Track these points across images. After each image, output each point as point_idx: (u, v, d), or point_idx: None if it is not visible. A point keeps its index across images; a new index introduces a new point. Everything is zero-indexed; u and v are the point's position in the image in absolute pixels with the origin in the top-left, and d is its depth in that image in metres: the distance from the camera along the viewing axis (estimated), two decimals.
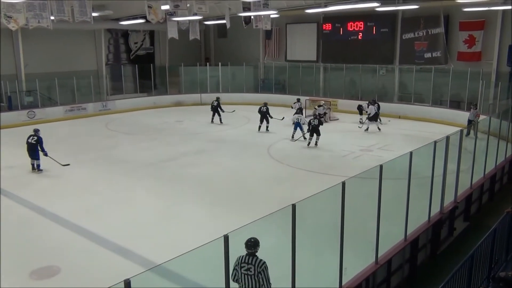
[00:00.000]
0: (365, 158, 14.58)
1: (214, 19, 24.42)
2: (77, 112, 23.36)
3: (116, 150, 16.24)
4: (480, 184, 10.60)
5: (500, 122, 12.45)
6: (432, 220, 8.20)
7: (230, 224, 4.77)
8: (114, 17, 24.32)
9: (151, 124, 21.41)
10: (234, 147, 16.55)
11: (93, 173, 13.44)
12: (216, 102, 21.35)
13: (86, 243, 8.69)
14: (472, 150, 10.17)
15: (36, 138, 13.15)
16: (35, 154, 13.16)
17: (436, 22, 21.35)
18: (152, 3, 14.80)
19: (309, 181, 12.15)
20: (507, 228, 6.94)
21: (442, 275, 5.95)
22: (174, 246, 6.86)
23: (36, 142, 13.10)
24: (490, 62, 20.21)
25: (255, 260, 5.07)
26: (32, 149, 13.11)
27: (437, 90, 21.75)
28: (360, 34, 24.36)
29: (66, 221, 9.70)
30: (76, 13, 14.60)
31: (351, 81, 25.00)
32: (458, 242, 8.99)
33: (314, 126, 16.22)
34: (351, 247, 6.16)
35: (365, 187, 7.37)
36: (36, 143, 13.10)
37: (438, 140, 8.12)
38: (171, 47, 28.78)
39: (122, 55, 28.52)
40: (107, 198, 11.23)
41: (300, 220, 5.05)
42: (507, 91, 18.10)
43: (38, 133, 13.33)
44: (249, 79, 28.89)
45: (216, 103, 21.31)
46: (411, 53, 22.63)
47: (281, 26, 27.61)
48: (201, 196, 11.32)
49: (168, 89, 28.26)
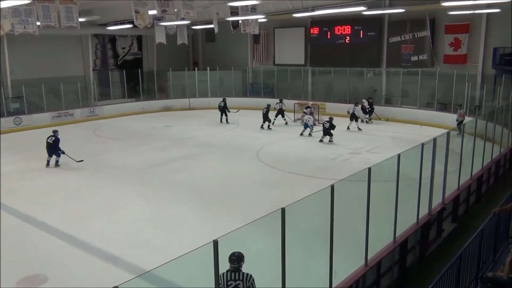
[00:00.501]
0: (354, 161, 14.65)
1: (202, 23, 24.40)
2: (64, 118, 23.14)
3: (105, 156, 16.12)
4: (467, 185, 10.70)
5: (486, 124, 12.60)
6: (420, 221, 8.26)
7: (220, 229, 4.75)
8: (101, 22, 24.19)
9: (140, 130, 21.29)
10: (223, 152, 16.53)
11: (81, 179, 13.32)
12: (223, 103, 22.22)
13: (74, 251, 8.59)
14: (459, 152, 10.28)
15: (54, 138, 14.36)
16: (53, 152, 14.43)
17: (422, 25, 21.60)
18: (139, 8, 14.74)
19: (298, 185, 12.16)
20: (494, 228, 7.01)
21: (431, 276, 5.99)
22: (164, 252, 6.81)
23: (53, 142, 14.35)
24: (476, 64, 20.49)
25: (242, 275, 4.91)
26: (50, 148, 14.39)
27: (424, 93, 21.97)
28: (348, 37, 24.54)
29: (53, 228, 9.59)
30: (62, 18, 14.47)
31: (339, 85, 25.12)
32: (447, 243, 9.06)
33: (325, 128, 17.36)
34: (341, 250, 6.18)
35: (354, 190, 7.41)
36: (53, 143, 14.34)
37: (426, 142, 8.19)
38: (159, 52, 28.70)
39: (110, 61, 28.36)
40: (96, 204, 11.13)
41: (289, 223, 5.05)
42: (492, 93, 18.33)
43: (57, 133, 14.51)
44: (238, 84, 28.91)
45: (223, 103, 22.19)
46: (398, 56, 22.84)
47: (269, 30, 27.70)
48: (190, 201, 11.27)
49: (157, 94, 28.16)
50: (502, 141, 13.84)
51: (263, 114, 20.47)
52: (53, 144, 14.31)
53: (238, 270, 4.92)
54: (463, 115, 17.87)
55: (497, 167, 13.09)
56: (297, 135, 19.16)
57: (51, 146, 14.34)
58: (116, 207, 10.95)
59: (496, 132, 13.15)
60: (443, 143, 9.01)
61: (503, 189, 11.35)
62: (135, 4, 14.51)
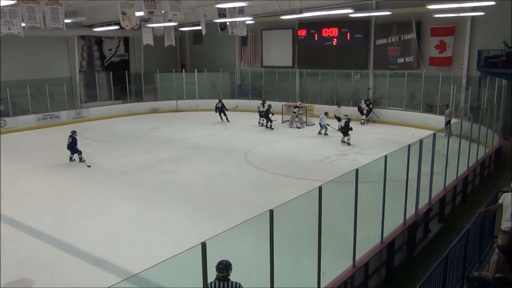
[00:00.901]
0: (342, 163, 14.73)
1: (189, 25, 24.35)
2: (50, 121, 22.89)
3: (91, 158, 15.93)
4: (453, 186, 10.83)
5: (471, 125, 12.76)
6: (407, 222, 8.33)
7: (208, 231, 4.74)
8: (87, 24, 24.00)
9: (127, 132, 21.14)
10: (211, 154, 16.49)
11: (68, 182, 13.17)
12: (220, 104, 22.81)
13: (60, 254, 8.49)
14: (445, 153, 10.39)
15: (71, 139, 15.02)
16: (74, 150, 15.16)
17: (408, 28, 21.81)
18: (126, 10, 14.63)
19: (286, 186, 12.18)
20: (479, 229, 7.10)
21: (418, 277, 6.03)
22: (152, 254, 6.78)
23: (70, 143, 15.04)
24: (461, 66, 20.76)
25: (230, 284, 4.86)
26: (69, 147, 15.12)
27: (411, 95, 22.20)
28: (335, 40, 24.68)
29: (39, 232, 9.47)
30: (48, 19, 14.31)
31: (326, 86, 25.24)
32: (433, 244, 9.14)
33: (340, 127, 17.92)
34: (329, 251, 6.20)
35: (342, 191, 7.44)
36: (70, 144, 15.05)
37: (412, 144, 8.27)
38: (146, 53, 28.57)
39: (96, 62, 28.15)
40: (83, 207, 11.01)
41: (278, 225, 5.05)
42: (477, 95, 18.59)
43: (75, 134, 15.20)
44: (226, 85, 28.88)
45: (221, 104, 22.79)
46: (385, 58, 23.04)
47: (256, 32, 27.73)
48: (178, 203, 11.22)
49: (144, 96, 27.99)
50: (487, 142, 14.03)
51: (264, 113, 20.76)
52: (70, 145, 15.05)
53: (227, 279, 4.86)
54: (449, 114, 18.13)
55: (482, 168, 13.27)
56: (285, 137, 19.21)
57: (69, 147, 15.09)
58: (103, 210, 10.85)
59: (481, 133, 13.33)
60: (429, 144, 9.11)
61: (488, 189, 11.50)
62: (122, 5, 14.41)
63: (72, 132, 15.23)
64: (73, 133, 15.21)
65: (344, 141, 17.50)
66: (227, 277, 4.86)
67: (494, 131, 15.02)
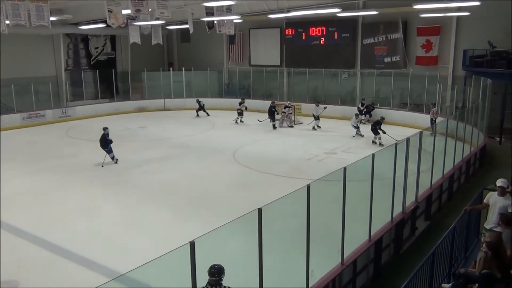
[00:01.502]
0: (329, 161, 14.79)
1: (177, 23, 24.23)
2: (35, 120, 22.59)
3: (78, 158, 15.81)
4: (440, 184, 10.95)
5: (457, 124, 12.91)
6: (395, 220, 8.40)
7: (197, 231, 4.72)
8: (73, 22, 23.73)
9: (114, 131, 20.79)
10: (199, 153, 16.43)
11: (54, 182, 13.01)
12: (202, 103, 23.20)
13: (46, 255, 8.39)
14: (431, 151, 10.50)
15: (102, 135, 14.72)
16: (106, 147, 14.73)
17: (395, 27, 21.99)
18: (113, 8, 14.49)
19: (274, 185, 12.19)
20: (465, 226, 7.19)
21: (406, 273, 6.09)
22: (140, 254, 6.74)
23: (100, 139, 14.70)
24: (447, 66, 21.00)
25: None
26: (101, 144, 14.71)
27: (398, 94, 22.38)
28: (323, 39, 24.77)
29: (25, 232, 9.35)
30: (33, 17, 14.10)
31: (314, 85, 25.33)
32: (420, 241, 9.24)
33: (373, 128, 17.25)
34: (318, 249, 6.22)
35: (330, 190, 7.48)
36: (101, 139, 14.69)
37: (399, 142, 8.33)
38: (133, 52, 28.35)
39: (82, 60, 27.84)
40: (69, 207, 10.90)
41: (266, 224, 5.05)
42: (463, 94, 18.81)
43: (106, 130, 14.81)
44: (213, 84, 28.80)
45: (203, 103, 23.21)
46: (372, 57, 23.19)
47: (244, 31, 27.70)
48: (167, 203, 11.16)
49: (131, 94, 27.78)
50: (472, 140, 14.21)
51: (269, 111, 20.74)
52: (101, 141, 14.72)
53: (219, 284, 4.78)
54: (436, 113, 18.35)
55: (467, 166, 13.44)
56: (273, 136, 19.24)
57: (100, 144, 14.75)
58: (89, 209, 10.75)
59: (466, 132, 13.50)
60: (416, 143, 9.20)
61: (474, 187, 11.64)
62: (108, 4, 14.27)
63: (104, 129, 14.88)
64: (104, 129, 14.84)
65: (375, 142, 17.12)
66: (219, 281, 4.77)
67: (479, 129, 15.22)
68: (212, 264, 4.81)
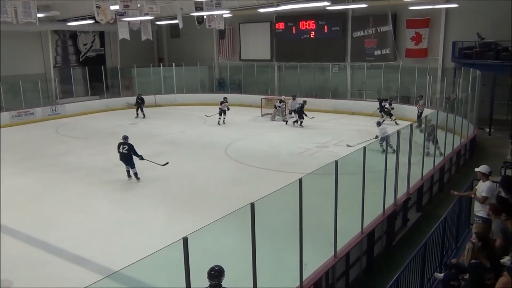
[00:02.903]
0: (321, 155, 14.83)
1: (166, 19, 24.07)
2: (24, 118, 22.37)
3: (68, 156, 15.69)
4: (431, 175, 11.04)
5: (447, 115, 13.01)
6: (386, 212, 8.46)
7: (190, 227, 4.71)
8: (61, 18, 23.48)
9: (104, 128, 20.83)
10: (191, 149, 16.39)
11: (44, 180, 12.91)
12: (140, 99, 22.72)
13: (39, 254, 8.34)
14: (422, 143, 10.57)
15: (127, 146, 12.31)
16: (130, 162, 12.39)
17: (384, 20, 22.06)
18: (101, 3, 14.39)
19: (267, 180, 12.21)
20: (456, 216, 7.26)
21: (398, 265, 6.15)
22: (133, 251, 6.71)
23: (126, 152, 12.29)
24: (436, 58, 21.13)
25: None
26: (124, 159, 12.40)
27: (388, 86, 22.48)
28: (313, 32, 24.78)
29: (16, 231, 9.28)
30: (20, 14, 13.95)
31: (305, 79, 25.34)
32: (412, 232, 9.32)
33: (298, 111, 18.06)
34: (311, 242, 6.25)
35: (322, 183, 7.50)
36: (128, 152, 12.28)
37: (390, 135, 8.38)
38: (123, 48, 28.15)
39: (71, 57, 27.61)
40: (60, 206, 10.83)
41: (259, 218, 5.06)
42: (452, 86, 18.95)
43: (127, 140, 12.53)
44: (204, 79, 28.72)
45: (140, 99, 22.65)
46: (362, 50, 23.26)
47: (234, 26, 27.62)
48: (159, 199, 11.14)
49: (121, 91, 27.62)
50: (462, 131, 14.33)
51: (297, 110, 19.95)
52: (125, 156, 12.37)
53: (219, 286, 4.76)
54: (422, 105, 18.52)
55: (458, 157, 13.56)
56: (265, 131, 19.24)
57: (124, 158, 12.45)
58: (81, 208, 10.69)
59: (456, 123, 13.60)
60: (407, 135, 9.25)
61: (464, 178, 11.76)
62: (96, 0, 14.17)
63: (124, 138, 12.54)
64: (126, 139, 12.51)
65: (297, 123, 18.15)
66: (219, 284, 4.75)
67: (469, 121, 15.35)
68: (211, 267, 4.76)
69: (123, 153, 12.34)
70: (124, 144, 12.39)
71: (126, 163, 12.46)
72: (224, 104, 20.88)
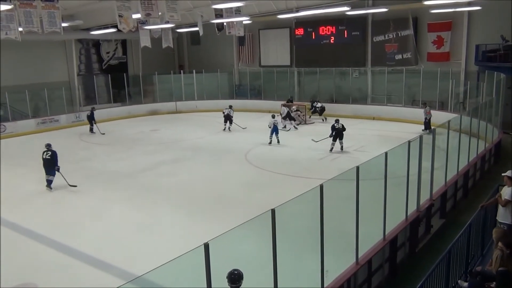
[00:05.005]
0: (342, 160, 14.73)
1: (186, 26, 24.35)
2: (49, 125, 22.89)
3: (91, 161, 15.96)
4: (454, 181, 10.82)
5: (470, 120, 12.76)
6: (409, 218, 8.33)
7: (210, 232, 4.73)
8: (85, 27, 24.00)
9: (126, 134, 21.14)
10: (211, 154, 16.48)
11: (68, 186, 13.14)
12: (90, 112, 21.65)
13: (63, 258, 8.49)
14: (445, 148, 10.39)
15: (51, 153, 12.76)
16: (51, 170, 12.75)
17: (405, 24, 21.83)
18: (123, 12, 14.61)
19: (287, 185, 12.18)
20: (481, 223, 7.11)
21: (422, 272, 6.04)
22: (154, 256, 6.77)
23: (51, 157, 12.71)
24: (459, 61, 20.77)
25: None
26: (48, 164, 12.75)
27: (409, 91, 22.21)
28: (332, 38, 24.68)
29: (41, 236, 9.47)
30: (45, 23, 14.27)
31: (325, 85, 25.25)
32: (436, 239, 9.15)
33: (338, 129, 15.82)
34: (332, 249, 6.20)
35: (343, 189, 7.44)
36: (51, 158, 12.70)
37: (412, 140, 8.27)
38: (144, 55, 28.56)
39: (94, 65, 28.14)
40: (84, 211, 11.01)
41: (280, 224, 5.05)
42: (476, 90, 18.59)
43: (51, 147, 12.97)
44: (224, 86, 28.89)
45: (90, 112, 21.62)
46: (382, 55, 23.05)
47: (254, 32, 27.73)
48: (180, 205, 11.22)
49: (143, 98, 28.01)
50: (487, 136, 14.03)
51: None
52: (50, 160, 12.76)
53: None
54: (429, 112, 18.31)
55: (482, 162, 13.27)
56: (285, 136, 19.20)
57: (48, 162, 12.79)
58: (104, 213, 10.85)
59: (480, 127, 13.33)
60: (429, 140, 9.11)
61: (489, 183, 11.50)
62: (119, 8, 14.38)
63: (47, 146, 12.91)
64: (49, 146, 12.87)
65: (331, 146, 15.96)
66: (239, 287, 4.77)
67: (494, 125, 15.03)
68: (231, 270, 4.77)
69: (46, 159, 12.74)
70: (47, 151, 12.82)
71: (47, 170, 12.73)
72: (229, 110, 20.78)
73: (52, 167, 12.73)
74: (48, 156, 12.76)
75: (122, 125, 23.97)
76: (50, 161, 12.72)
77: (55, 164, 12.73)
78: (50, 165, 12.74)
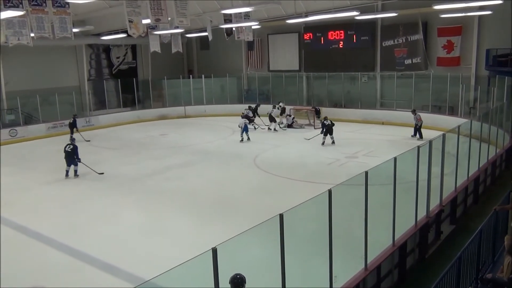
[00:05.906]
0: (351, 165, 14.67)
1: (196, 31, 24.47)
2: (60, 129, 23.05)
3: (101, 166, 16.02)
4: (465, 186, 10.72)
5: (481, 125, 12.64)
6: (419, 224, 8.26)
7: (218, 237, 4.73)
8: (95, 32, 24.22)
9: (136, 139, 21.26)
10: (220, 159, 16.51)
11: (78, 190, 13.26)
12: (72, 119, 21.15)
13: (72, 261, 8.54)
14: (455, 154, 10.31)
15: (72, 146, 14.35)
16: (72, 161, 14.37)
17: (415, 29, 21.73)
18: (133, 18, 14.72)
19: (296, 190, 12.15)
20: (492, 229, 7.03)
21: (431, 279, 5.98)
22: (162, 261, 6.79)
23: (71, 150, 14.32)
24: (469, 66, 20.61)
25: None
26: (69, 156, 14.31)
27: (419, 96, 22.08)
28: (341, 42, 24.64)
29: (51, 239, 9.54)
30: (56, 29, 14.45)
31: (334, 89, 25.21)
32: (446, 245, 9.06)
33: (328, 125, 17.67)
34: (340, 254, 6.16)
35: (352, 194, 7.40)
36: (72, 151, 14.31)
37: (421, 145, 8.21)
38: (154, 60, 28.74)
39: (104, 70, 28.37)
40: (93, 214, 11.07)
41: (288, 229, 5.03)
42: (486, 94, 18.44)
43: (74, 141, 14.76)
44: (233, 90, 28.96)
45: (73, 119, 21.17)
46: (392, 60, 22.95)
47: (262, 37, 27.79)
48: (188, 209, 11.24)
49: (152, 102, 28.17)
50: (498, 141, 13.90)
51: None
52: (71, 153, 14.35)
53: None
54: (420, 118, 18.25)
55: (493, 167, 13.14)
56: (294, 141, 19.19)
57: (70, 155, 14.36)
58: (113, 216, 10.91)
59: (491, 133, 13.21)
60: (439, 145, 9.04)
61: (500, 189, 11.38)
62: (129, 14, 14.50)
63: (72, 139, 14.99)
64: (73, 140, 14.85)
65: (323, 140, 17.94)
66: None
67: (505, 130, 14.88)
68: (234, 274, 4.74)
69: (67, 151, 14.29)
70: (70, 144, 14.45)
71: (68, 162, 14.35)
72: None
73: (72, 159, 14.30)
74: (69, 149, 14.28)
75: (131, 129, 24.11)
76: (71, 154, 14.29)
77: (76, 156, 14.33)
78: (70, 157, 14.29)
